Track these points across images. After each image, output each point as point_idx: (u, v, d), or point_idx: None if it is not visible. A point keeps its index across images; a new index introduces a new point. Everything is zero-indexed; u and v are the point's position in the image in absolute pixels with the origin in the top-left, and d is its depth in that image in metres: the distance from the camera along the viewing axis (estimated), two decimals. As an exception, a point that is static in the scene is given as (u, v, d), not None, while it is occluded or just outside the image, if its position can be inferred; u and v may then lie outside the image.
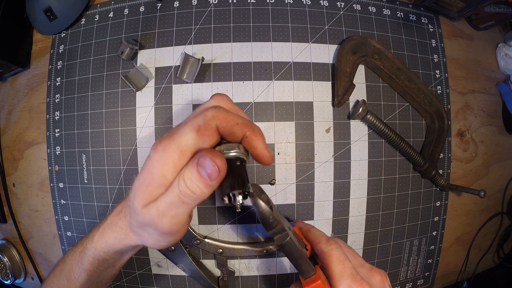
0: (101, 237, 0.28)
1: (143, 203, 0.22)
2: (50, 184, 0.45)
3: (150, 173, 0.22)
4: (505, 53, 0.50)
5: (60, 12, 0.42)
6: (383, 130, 0.40)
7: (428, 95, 0.43)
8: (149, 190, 0.22)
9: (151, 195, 0.22)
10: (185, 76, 0.40)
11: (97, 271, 0.29)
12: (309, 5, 0.42)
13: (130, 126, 0.41)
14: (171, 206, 0.22)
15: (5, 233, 0.51)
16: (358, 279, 0.25)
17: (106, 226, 0.28)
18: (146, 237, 0.25)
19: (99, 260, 0.28)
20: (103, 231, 0.28)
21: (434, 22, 0.47)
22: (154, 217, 0.22)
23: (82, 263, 0.29)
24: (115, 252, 0.28)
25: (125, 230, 0.26)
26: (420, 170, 0.43)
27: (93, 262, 0.28)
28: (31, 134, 0.46)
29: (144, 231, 0.24)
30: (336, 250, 0.26)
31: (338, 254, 0.26)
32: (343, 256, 0.26)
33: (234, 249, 0.40)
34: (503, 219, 0.54)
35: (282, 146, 0.41)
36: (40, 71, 0.46)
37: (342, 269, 0.25)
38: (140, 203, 0.23)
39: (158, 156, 0.22)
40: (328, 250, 0.27)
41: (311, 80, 0.41)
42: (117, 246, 0.27)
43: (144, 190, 0.23)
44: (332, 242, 0.27)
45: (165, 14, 0.42)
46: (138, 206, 0.23)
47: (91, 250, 0.28)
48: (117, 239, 0.27)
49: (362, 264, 0.28)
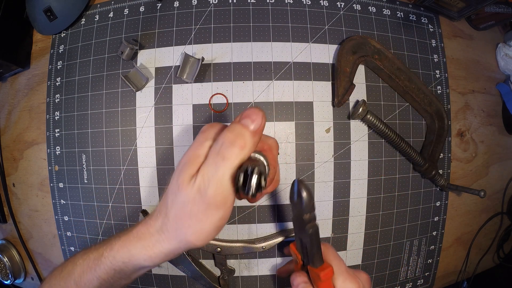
0: (123, 246, 0.26)
1: (188, 176, 0.23)
2: (50, 184, 0.45)
3: (196, 148, 0.24)
4: (505, 53, 0.50)
5: (60, 12, 0.42)
6: (383, 130, 0.40)
7: (428, 95, 0.43)
8: (194, 163, 0.23)
9: (195, 168, 0.23)
10: (185, 76, 0.40)
11: (111, 281, 0.28)
12: (309, 5, 0.42)
13: (130, 126, 0.41)
14: (213, 168, 0.22)
15: (5, 233, 0.51)
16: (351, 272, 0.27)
17: (131, 237, 0.26)
18: (187, 226, 0.23)
19: (115, 270, 0.27)
20: (127, 241, 0.26)
21: (434, 22, 0.47)
22: (200, 184, 0.22)
23: (96, 270, 0.27)
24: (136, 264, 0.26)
25: (157, 235, 0.25)
26: (420, 170, 0.43)
27: (108, 272, 0.27)
28: (31, 134, 0.46)
29: (185, 218, 0.23)
30: (331, 249, 0.29)
31: (333, 252, 0.29)
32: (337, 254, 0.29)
33: (232, 247, 0.40)
34: (503, 219, 0.54)
35: (282, 146, 0.41)
36: (40, 71, 0.46)
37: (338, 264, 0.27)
38: (187, 176, 0.23)
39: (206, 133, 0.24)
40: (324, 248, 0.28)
41: (311, 80, 0.41)
42: (141, 257, 0.25)
43: (189, 165, 0.23)
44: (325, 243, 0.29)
45: (165, 14, 0.42)
46: (183, 181, 0.23)
47: (108, 259, 0.27)
48: (144, 248, 0.25)
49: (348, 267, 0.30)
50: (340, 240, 0.43)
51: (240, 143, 0.22)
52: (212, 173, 0.22)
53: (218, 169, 0.22)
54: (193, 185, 0.22)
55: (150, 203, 0.41)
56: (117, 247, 0.27)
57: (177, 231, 0.24)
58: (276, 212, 0.41)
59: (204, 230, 0.23)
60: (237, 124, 0.23)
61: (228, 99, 0.40)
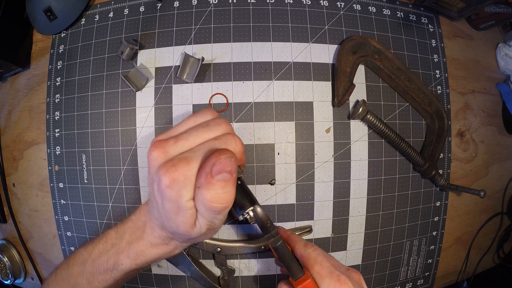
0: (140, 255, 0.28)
1: (190, 227, 0.23)
2: (50, 184, 0.45)
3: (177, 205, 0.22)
4: (505, 53, 0.50)
5: (60, 12, 0.42)
6: (383, 130, 0.40)
7: (428, 95, 0.43)
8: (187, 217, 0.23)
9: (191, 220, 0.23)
10: (185, 76, 0.40)
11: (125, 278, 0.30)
12: (309, 5, 0.42)
13: (130, 126, 0.41)
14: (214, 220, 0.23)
15: (5, 233, 0.51)
16: (335, 276, 0.26)
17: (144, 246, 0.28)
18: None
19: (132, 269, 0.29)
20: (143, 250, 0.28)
21: (434, 22, 0.47)
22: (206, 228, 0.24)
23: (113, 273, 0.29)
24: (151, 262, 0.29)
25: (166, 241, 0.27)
26: (420, 170, 0.43)
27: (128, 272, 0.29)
28: (31, 134, 0.46)
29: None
30: (313, 253, 0.28)
31: (315, 256, 0.28)
32: (320, 257, 0.28)
33: (232, 247, 0.40)
34: (503, 219, 0.54)
35: (282, 146, 0.41)
36: (40, 71, 0.46)
37: (320, 269, 0.27)
38: (188, 228, 0.23)
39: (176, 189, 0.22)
40: (306, 253, 0.28)
41: (311, 80, 0.41)
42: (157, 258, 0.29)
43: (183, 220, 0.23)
44: (309, 246, 0.29)
45: (165, 14, 0.42)
46: (187, 230, 0.23)
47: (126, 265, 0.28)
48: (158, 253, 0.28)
49: (339, 265, 0.29)
50: (340, 240, 0.43)
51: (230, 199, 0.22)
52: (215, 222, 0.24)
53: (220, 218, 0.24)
54: (200, 228, 0.24)
55: (150, 203, 0.41)
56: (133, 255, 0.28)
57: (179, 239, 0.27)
58: (276, 212, 0.41)
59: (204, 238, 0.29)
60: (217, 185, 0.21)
61: (228, 99, 0.40)
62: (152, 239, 0.28)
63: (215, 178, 0.21)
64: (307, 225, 0.42)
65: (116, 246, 0.29)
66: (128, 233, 0.29)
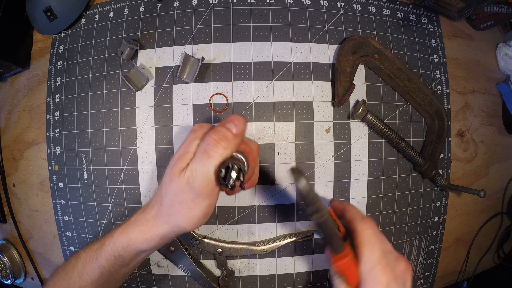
0: (122, 233, 0.29)
1: (179, 169, 0.26)
2: (50, 184, 0.45)
3: (187, 146, 0.27)
4: (505, 53, 0.50)
5: (60, 12, 0.42)
6: (383, 130, 0.40)
7: (428, 95, 0.43)
8: (184, 159, 0.26)
9: (185, 163, 0.26)
10: (185, 76, 0.40)
11: (111, 269, 0.29)
12: (309, 5, 0.42)
13: (130, 126, 0.41)
14: (200, 164, 0.25)
15: (5, 233, 0.51)
16: (383, 264, 0.26)
17: (130, 223, 0.29)
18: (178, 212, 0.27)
19: (115, 256, 0.29)
20: (126, 228, 0.29)
21: (434, 22, 0.47)
22: (188, 177, 0.25)
23: (97, 259, 0.29)
24: (134, 248, 0.29)
25: (152, 220, 0.28)
26: (420, 170, 0.43)
27: (109, 259, 0.29)
28: (31, 134, 0.46)
29: (176, 205, 0.26)
30: (368, 230, 0.28)
31: (369, 234, 0.28)
32: (374, 237, 0.27)
33: (234, 249, 0.40)
34: (503, 219, 0.54)
35: (282, 146, 0.41)
36: (40, 71, 0.46)
37: (369, 251, 0.27)
38: (178, 170, 0.26)
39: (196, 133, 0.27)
40: (361, 229, 0.28)
41: (311, 80, 0.41)
42: (139, 240, 0.28)
43: (180, 160, 0.27)
44: (366, 221, 0.29)
45: (165, 14, 0.42)
46: (175, 173, 0.26)
47: (109, 246, 0.29)
48: (141, 232, 0.28)
49: (390, 250, 0.28)
50: (340, 240, 0.43)
51: (224, 144, 0.25)
52: (199, 169, 0.25)
53: (204, 165, 0.25)
54: (183, 177, 0.26)
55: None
56: (117, 234, 0.29)
57: (169, 217, 0.27)
58: (276, 212, 0.41)
59: (194, 216, 0.27)
60: (221, 127, 0.26)
61: (228, 99, 0.40)
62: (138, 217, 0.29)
63: (225, 125, 0.26)
64: (309, 230, 0.41)
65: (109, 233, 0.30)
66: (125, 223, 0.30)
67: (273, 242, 0.40)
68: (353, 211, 0.31)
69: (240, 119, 0.26)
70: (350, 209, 0.31)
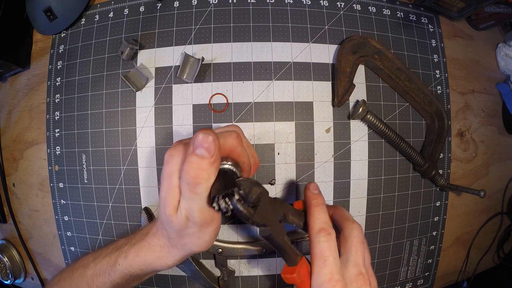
0: (138, 255, 0.28)
1: (173, 209, 0.25)
2: (50, 184, 0.45)
3: (168, 182, 0.25)
4: (505, 53, 0.50)
5: (60, 12, 0.42)
6: (383, 130, 0.40)
7: (428, 95, 0.43)
8: (172, 197, 0.25)
9: (176, 200, 0.25)
10: (185, 76, 0.40)
11: (125, 284, 0.30)
12: (309, 5, 0.42)
13: (130, 126, 0.41)
14: (190, 202, 0.23)
15: (5, 233, 0.51)
16: (335, 279, 0.24)
17: (144, 247, 0.29)
18: (189, 242, 0.26)
19: (132, 275, 0.29)
20: (141, 251, 0.29)
21: (434, 22, 0.47)
22: (186, 215, 0.24)
23: (110, 275, 0.29)
24: (152, 270, 0.29)
25: (167, 248, 0.28)
26: (420, 170, 0.43)
27: (124, 277, 0.29)
28: (31, 134, 0.46)
29: (185, 237, 0.26)
30: (324, 244, 0.26)
31: (322, 249, 0.25)
32: (326, 252, 0.25)
33: (234, 249, 0.40)
34: (503, 219, 0.54)
35: (282, 146, 0.41)
36: (40, 71, 0.46)
37: (321, 265, 0.25)
38: (171, 211, 0.25)
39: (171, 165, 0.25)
40: (316, 240, 0.26)
41: (311, 80, 0.41)
42: (158, 265, 0.28)
43: (169, 199, 0.25)
44: (323, 234, 0.26)
45: (165, 14, 0.42)
46: (171, 214, 0.25)
47: (124, 266, 0.29)
48: (159, 258, 0.28)
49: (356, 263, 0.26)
50: (340, 240, 0.43)
51: (204, 176, 0.23)
52: (192, 206, 0.24)
53: (196, 202, 0.24)
54: (181, 216, 0.24)
55: (150, 203, 0.41)
56: (132, 255, 0.29)
57: (183, 246, 0.27)
58: (276, 212, 0.41)
59: (204, 242, 0.26)
60: (193, 157, 0.22)
61: (228, 99, 0.40)
62: (151, 241, 0.28)
63: (195, 151, 0.22)
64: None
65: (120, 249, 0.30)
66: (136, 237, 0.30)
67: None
68: (313, 217, 0.28)
69: (207, 139, 0.22)
70: (313, 211, 0.28)
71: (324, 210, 0.28)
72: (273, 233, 0.25)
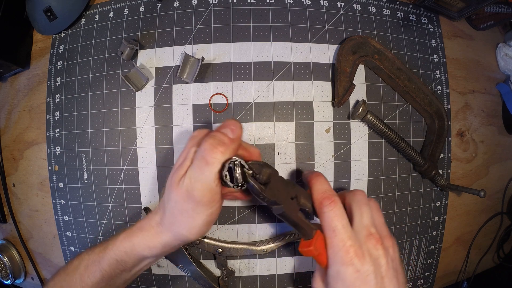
0: (126, 238, 0.29)
1: (178, 178, 0.26)
2: (50, 184, 0.45)
3: (186, 153, 0.27)
4: (505, 53, 0.50)
5: (60, 12, 0.42)
6: (383, 130, 0.40)
7: (428, 95, 0.43)
8: (183, 166, 0.26)
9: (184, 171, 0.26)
10: (185, 76, 0.40)
11: (113, 273, 0.29)
12: (309, 5, 0.42)
13: (130, 126, 0.41)
14: (198, 170, 0.25)
15: (5, 233, 0.51)
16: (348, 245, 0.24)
17: (135, 229, 0.29)
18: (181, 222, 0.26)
19: (117, 261, 0.29)
20: (130, 233, 0.29)
21: (434, 22, 0.47)
22: (187, 185, 0.25)
23: (99, 262, 0.29)
24: (137, 254, 0.28)
25: (156, 228, 0.28)
26: (420, 170, 0.43)
27: (111, 263, 0.29)
28: (31, 134, 0.46)
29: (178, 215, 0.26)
30: (329, 213, 0.26)
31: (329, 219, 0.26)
32: (333, 221, 0.25)
33: (234, 249, 0.40)
34: (503, 219, 0.54)
35: (282, 146, 0.41)
36: (40, 71, 0.46)
37: (332, 236, 0.25)
38: (176, 178, 0.26)
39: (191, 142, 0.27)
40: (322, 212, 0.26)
41: (311, 80, 0.41)
42: (142, 246, 0.28)
43: (180, 168, 0.26)
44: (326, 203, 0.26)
45: (165, 14, 0.42)
46: (175, 181, 0.26)
47: (112, 250, 0.29)
48: (144, 238, 0.28)
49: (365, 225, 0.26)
50: (340, 240, 0.43)
51: (221, 149, 0.24)
52: (197, 176, 0.25)
53: (203, 172, 0.24)
54: (182, 186, 0.25)
55: (150, 203, 0.41)
56: (120, 238, 0.29)
57: (172, 225, 0.27)
58: (276, 212, 0.41)
59: (196, 225, 0.26)
60: (217, 132, 0.26)
61: (228, 99, 0.40)
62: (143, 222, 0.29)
63: (222, 130, 0.26)
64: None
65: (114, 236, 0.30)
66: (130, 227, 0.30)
67: (273, 242, 0.40)
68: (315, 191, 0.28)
69: (236, 124, 0.26)
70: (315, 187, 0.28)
71: (322, 180, 0.29)
72: (286, 210, 0.26)
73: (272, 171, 0.26)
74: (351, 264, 0.24)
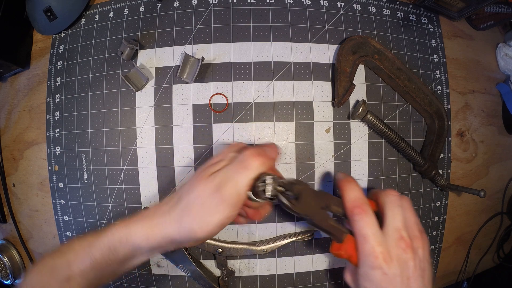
0: (123, 225, 0.27)
1: (211, 171, 0.27)
2: (50, 184, 0.45)
3: (224, 155, 0.29)
4: (505, 53, 0.50)
5: (60, 12, 0.42)
6: (383, 130, 0.40)
7: (428, 95, 0.43)
8: (219, 165, 0.28)
9: (218, 168, 0.27)
10: (185, 76, 0.40)
11: (103, 262, 0.27)
12: (309, 5, 0.42)
13: (130, 126, 0.41)
14: (235, 171, 0.26)
15: (5, 233, 0.51)
16: (379, 251, 0.26)
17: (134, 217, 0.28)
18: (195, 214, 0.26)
19: (110, 249, 0.27)
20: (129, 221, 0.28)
21: (434, 22, 0.47)
22: (220, 181, 0.26)
23: (90, 249, 0.27)
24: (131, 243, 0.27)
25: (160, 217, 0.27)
26: (420, 170, 0.43)
27: (103, 250, 0.27)
28: (31, 134, 0.46)
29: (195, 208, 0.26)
30: (359, 222, 0.27)
31: (360, 227, 0.27)
32: (364, 229, 0.26)
33: (234, 249, 0.40)
34: (503, 219, 0.54)
35: (282, 146, 0.41)
36: (40, 71, 0.46)
37: (362, 243, 0.26)
38: (207, 173, 0.27)
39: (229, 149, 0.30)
40: (353, 220, 0.27)
41: (311, 80, 0.41)
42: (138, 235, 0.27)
43: (214, 165, 0.28)
44: (356, 212, 0.27)
45: (165, 14, 0.42)
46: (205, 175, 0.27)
47: (106, 236, 0.27)
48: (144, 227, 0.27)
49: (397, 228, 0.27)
50: (340, 240, 0.43)
51: (262, 159, 0.26)
52: (233, 176, 0.26)
53: (239, 174, 0.26)
54: (213, 180, 0.26)
55: (150, 203, 0.41)
56: (117, 226, 0.28)
57: (183, 218, 0.26)
58: (276, 212, 0.41)
59: (210, 222, 0.25)
60: (259, 147, 0.28)
61: (228, 99, 0.40)
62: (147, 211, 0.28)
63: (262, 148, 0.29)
64: (309, 230, 0.41)
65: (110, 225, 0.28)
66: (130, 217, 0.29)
67: (273, 242, 0.40)
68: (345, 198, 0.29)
69: (275, 148, 0.29)
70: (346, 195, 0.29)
71: (353, 186, 0.29)
72: (315, 220, 0.29)
73: (302, 187, 0.28)
74: (379, 268, 0.25)
